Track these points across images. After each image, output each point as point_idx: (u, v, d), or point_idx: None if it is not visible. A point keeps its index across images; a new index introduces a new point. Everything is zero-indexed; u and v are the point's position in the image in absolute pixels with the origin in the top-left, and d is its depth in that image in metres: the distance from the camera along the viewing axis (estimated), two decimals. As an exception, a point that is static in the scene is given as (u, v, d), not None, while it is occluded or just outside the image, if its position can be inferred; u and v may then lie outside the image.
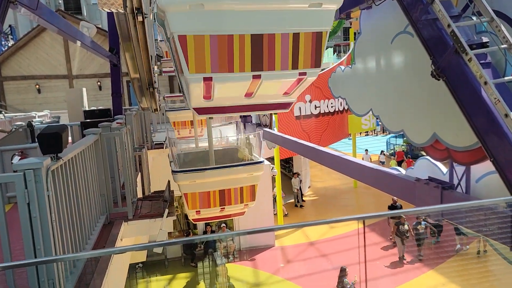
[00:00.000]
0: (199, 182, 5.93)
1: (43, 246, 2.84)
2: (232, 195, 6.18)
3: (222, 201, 6.17)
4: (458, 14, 4.32)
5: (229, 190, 6.12)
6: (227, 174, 6.00)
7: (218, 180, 6.01)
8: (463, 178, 4.96)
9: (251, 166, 6.11)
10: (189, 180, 5.88)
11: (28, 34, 19.24)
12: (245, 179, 6.12)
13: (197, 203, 6.09)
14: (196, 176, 5.91)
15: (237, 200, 6.24)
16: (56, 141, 3.12)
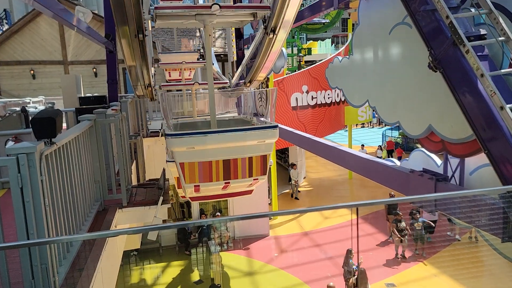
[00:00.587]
0: (199, 149, 4.87)
1: (36, 231, 2.84)
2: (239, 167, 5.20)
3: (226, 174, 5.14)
4: (457, 6, 4.29)
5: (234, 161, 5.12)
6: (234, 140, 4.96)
7: (222, 148, 4.96)
8: (457, 170, 4.99)
9: (263, 131, 5.08)
10: (186, 146, 4.80)
11: (23, 18, 18.97)
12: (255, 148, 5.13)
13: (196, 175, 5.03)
14: (196, 141, 4.83)
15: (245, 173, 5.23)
16: (50, 126, 3.10)
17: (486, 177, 4.58)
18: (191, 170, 4.98)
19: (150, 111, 15.30)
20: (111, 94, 10.43)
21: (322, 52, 38.90)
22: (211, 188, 5.34)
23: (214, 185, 5.20)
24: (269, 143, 5.30)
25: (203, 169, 5.02)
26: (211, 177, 5.14)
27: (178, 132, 4.71)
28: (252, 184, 5.37)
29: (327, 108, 19.60)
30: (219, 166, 5.21)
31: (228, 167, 5.23)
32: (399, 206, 14.01)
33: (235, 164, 5.24)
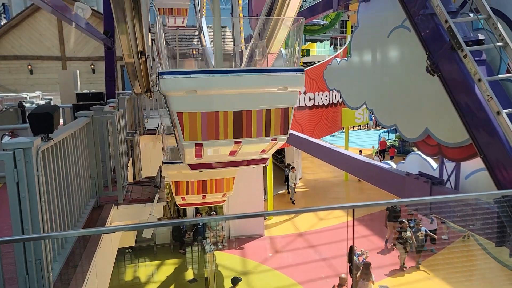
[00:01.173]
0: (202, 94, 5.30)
1: (31, 226, 2.83)
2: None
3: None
4: (456, 10, 4.32)
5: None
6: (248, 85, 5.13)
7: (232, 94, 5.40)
8: (453, 174, 5.02)
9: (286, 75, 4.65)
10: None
11: (22, 13, 18.86)
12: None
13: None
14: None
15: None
16: (47, 121, 3.09)
17: (482, 182, 4.61)
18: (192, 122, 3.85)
19: (147, 108, 15.27)
20: (109, 91, 10.39)
21: (321, 54, 38.90)
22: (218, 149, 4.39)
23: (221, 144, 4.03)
24: (292, 92, 4.13)
25: (207, 121, 3.85)
26: (217, 134, 3.92)
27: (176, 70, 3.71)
28: (268, 147, 4.15)
29: (324, 110, 19.63)
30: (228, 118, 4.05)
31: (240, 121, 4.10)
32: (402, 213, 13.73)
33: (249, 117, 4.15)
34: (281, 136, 4.07)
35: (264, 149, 4.30)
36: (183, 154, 4.27)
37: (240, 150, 4.12)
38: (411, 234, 12.67)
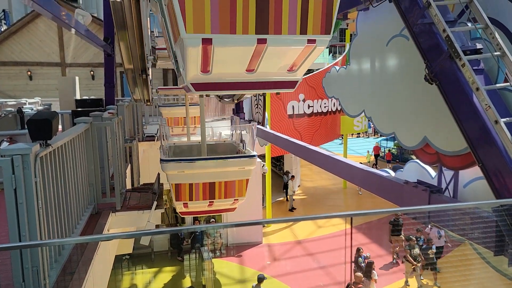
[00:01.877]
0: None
1: (28, 233, 2.81)
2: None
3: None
4: (454, 20, 4.35)
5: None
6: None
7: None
8: (451, 182, 5.02)
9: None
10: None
11: (22, 19, 18.95)
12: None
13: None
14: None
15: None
16: (46, 128, 3.09)
17: (480, 190, 4.61)
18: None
19: (146, 115, 15.29)
20: (108, 97, 10.41)
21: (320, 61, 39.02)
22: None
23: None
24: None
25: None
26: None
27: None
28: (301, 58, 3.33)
29: (323, 117, 19.67)
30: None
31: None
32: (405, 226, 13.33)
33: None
34: (321, 37, 2.96)
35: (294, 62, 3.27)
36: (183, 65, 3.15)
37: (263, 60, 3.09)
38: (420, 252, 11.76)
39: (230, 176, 5.88)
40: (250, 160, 5.89)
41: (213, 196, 5.95)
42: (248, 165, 5.89)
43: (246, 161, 5.87)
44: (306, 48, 2.99)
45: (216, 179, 5.85)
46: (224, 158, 5.80)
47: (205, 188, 5.85)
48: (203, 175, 5.80)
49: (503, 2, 4.38)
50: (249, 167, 5.93)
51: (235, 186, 5.97)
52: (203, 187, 5.85)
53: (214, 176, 5.83)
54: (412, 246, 11.83)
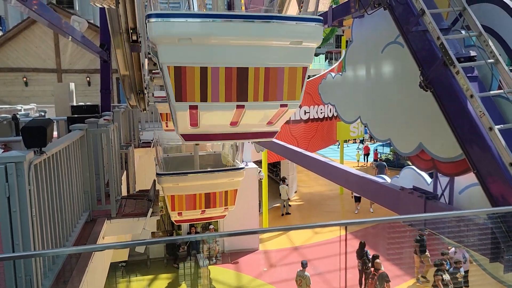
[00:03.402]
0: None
1: (21, 242, 2.79)
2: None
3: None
4: (448, 27, 4.38)
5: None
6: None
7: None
8: (447, 189, 5.03)
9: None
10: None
11: (18, 25, 18.94)
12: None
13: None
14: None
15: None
16: (41, 135, 3.07)
17: (475, 197, 4.62)
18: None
19: (142, 121, 15.27)
20: (104, 104, 10.41)
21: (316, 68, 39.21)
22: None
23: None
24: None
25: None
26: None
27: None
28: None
29: (319, 123, 19.71)
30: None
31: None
32: None
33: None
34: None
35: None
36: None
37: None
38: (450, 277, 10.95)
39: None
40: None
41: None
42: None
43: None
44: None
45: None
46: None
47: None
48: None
49: (496, 10, 4.42)
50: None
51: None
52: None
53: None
54: (442, 270, 11.02)
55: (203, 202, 6.43)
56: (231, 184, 6.44)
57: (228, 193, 6.56)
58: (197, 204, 6.42)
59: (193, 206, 6.43)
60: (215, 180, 6.32)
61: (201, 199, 6.40)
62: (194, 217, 6.89)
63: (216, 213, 6.84)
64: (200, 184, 6.24)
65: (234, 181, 6.45)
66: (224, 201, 6.60)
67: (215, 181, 6.32)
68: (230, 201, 6.67)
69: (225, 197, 6.56)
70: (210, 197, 6.43)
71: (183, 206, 6.40)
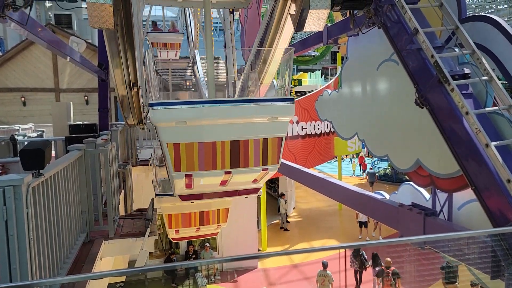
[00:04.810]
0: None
1: (19, 266, 2.76)
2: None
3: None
4: (441, 46, 4.45)
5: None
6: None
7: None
8: (446, 205, 5.03)
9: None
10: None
11: (17, 46, 19.06)
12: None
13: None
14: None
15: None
16: (39, 158, 3.08)
17: (474, 213, 4.62)
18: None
19: (140, 139, 15.27)
20: (102, 122, 10.42)
21: (312, 83, 39.56)
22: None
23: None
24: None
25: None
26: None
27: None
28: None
29: (317, 139, 19.75)
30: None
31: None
32: None
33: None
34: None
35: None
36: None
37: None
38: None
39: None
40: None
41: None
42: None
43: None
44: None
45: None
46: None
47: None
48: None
49: (488, 28, 4.51)
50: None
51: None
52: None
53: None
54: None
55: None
56: (223, 203, 6.74)
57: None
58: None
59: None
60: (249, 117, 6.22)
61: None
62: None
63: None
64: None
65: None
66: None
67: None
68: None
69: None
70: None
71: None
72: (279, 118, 3.87)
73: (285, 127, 4.01)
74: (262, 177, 4.25)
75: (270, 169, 4.03)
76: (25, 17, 4.36)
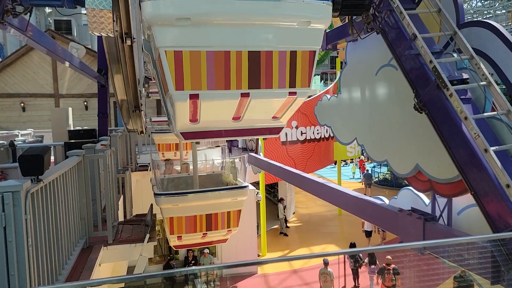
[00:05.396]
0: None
1: (17, 272, 2.75)
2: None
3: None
4: (440, 51, 4.47)
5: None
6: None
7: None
8: (445, 210, 5.02)
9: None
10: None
11: (17, 52, 19.11)
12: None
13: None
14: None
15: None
16: (38, 164, 3.07)
17: (474, 218, 4.61)
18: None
19: (139, 144, 15.27)
20: (101, 128, 10.43)
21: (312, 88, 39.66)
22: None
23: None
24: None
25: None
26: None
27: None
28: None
29: (316, 144, 19.75)
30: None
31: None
32: None
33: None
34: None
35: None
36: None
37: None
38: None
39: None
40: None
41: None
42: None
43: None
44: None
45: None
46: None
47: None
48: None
49: (486, 33, 4.52)
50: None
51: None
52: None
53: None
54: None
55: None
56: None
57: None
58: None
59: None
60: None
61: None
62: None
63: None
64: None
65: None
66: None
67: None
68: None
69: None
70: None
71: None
72: (311, 24, 2.97)
73: (319, 38, 3.09)
74: (285, 108, 3.41)
75: (298, 93, 3.18)
76: (24, 23, 4.37)
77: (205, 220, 5.94)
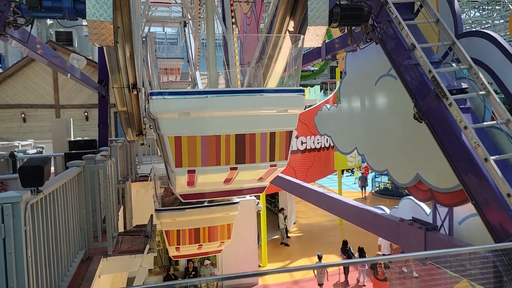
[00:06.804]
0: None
1: (16, 284, 2.73)
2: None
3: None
4: (439, 61, 4.49)
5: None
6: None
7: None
8: (446, 219, 5.00)
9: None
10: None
11: (18, 63, 19.23)
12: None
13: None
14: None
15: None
16: (38, 175, 3.06)
17: (475, 227, 4.60)
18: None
19: (140, 154, 15.25)
20: (102, 138, 10.46)
21: (311, 98, 39.70)
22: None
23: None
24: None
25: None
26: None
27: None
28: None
29: (316, 153, 19.74)
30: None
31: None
32: None
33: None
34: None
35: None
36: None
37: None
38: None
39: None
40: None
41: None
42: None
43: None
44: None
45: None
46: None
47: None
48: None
49: (484, 43, 4.56)
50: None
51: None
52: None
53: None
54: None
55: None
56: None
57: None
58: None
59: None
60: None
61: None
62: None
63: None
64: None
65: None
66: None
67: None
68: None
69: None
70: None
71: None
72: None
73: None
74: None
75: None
76: (26, 35, 4.40)
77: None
